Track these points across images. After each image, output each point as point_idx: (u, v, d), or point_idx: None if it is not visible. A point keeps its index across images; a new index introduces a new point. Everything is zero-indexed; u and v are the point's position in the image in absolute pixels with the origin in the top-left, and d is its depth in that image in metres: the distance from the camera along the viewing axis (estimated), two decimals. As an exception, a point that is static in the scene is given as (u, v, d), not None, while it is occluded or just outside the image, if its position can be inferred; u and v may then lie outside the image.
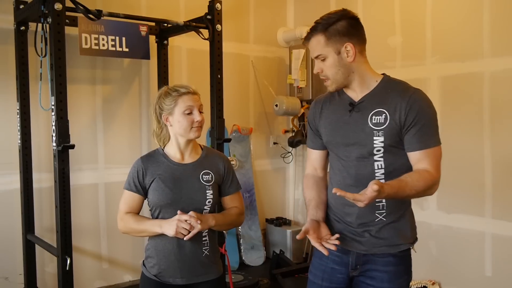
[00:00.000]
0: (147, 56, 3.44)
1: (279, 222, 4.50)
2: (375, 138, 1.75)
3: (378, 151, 1.75)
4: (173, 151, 1.99)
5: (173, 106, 1.92)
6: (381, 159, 1.76)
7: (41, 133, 3.38)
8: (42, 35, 2.81)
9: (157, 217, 1.95)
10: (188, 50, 4.06)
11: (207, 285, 1.98)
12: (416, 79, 3.38)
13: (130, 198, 1.96)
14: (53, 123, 2.67)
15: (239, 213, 2.07)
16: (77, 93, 3.48)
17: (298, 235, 1.73)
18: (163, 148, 2.03)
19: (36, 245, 3.24)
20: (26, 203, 3.21)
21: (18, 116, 3.19)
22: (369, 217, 1.80)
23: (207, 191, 1.95)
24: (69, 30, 2.96)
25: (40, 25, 2.81)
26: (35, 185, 3.27)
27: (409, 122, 1.72)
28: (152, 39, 3.63)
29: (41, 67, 2.97)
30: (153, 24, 3.54)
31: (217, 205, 2.07)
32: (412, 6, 3.68)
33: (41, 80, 2.99)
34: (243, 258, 4.30)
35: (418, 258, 1.91)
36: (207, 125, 3.25)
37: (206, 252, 1.97)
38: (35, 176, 3.27)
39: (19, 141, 3.21)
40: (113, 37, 3.20)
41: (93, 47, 3.12)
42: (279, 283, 3.85)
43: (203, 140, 3.84)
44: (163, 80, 3.72)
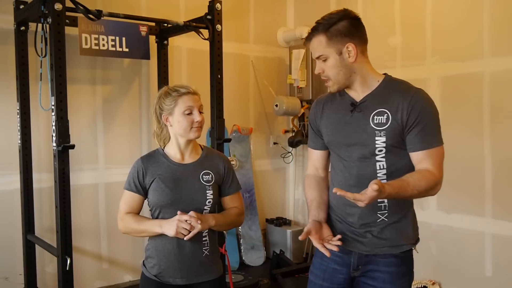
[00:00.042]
0: (147, 56, 3.44)
1: (279, 222, 4.50)
2: (377, 138, 1.74)
3: (380, 151, 1.74)
4: (173, 151, 1.99)
5: (173, 106, 1.92)
6: (383, 160, 1.75)
7: (41, 133, 3.38)
8: (42, 35, 2.81)
9: (157, 217, 1.95)
10: (188, 50, 4.06)
11: (207, 285, 1.98)
12: (416, 79, 3.37)
13: (130, 198, 1.96)
14: (53, 123, 2.67)
15: (239, 213, 2.07)
16: (77, 93, 3.48)
17: (301, 236, 1.72)
18: (163, 148, 2.03)
19: (36, 245, 3.24)
20: (26, 203, 3.21)
21: (18, 116, 3.19)
22: (371, 218, 1.79)
23: (207, 191, 1.95)
24: (69, 30, 2.96)
25: (40, 25, 2.81)
26: (35, 185, 3.27)
27: (411, 122, 1.71)
28: (152, 39, 3.63)
29: (41, 67, 2.97)
30: (153, 24, 3.53)
31: (217, 205, 2.07)
32: (412, 6, 3.67)
33: (41, 80, 2.99)
34: (243, 258, 4.30)
35: (418, 258, 1.90)
36: (207, 125, 3.25)
37: (206, 252, 1.97)
38: (35, 176, 3.27)
39: (19, 141, 3.21)
40: (113, 37, 3.20)
41: (93, 47, 3.12)
42: (279, 283, 3.85)
43: (203, 140, 3.84)
44: (163, 80, 3.72)
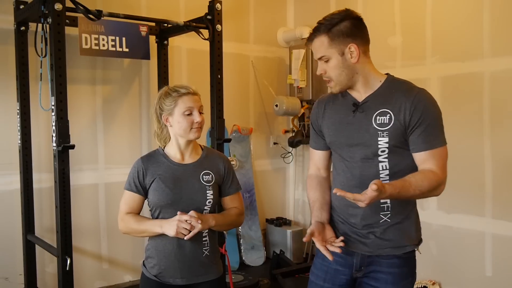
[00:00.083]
0: (147, 56, 3.44)
1: (279, 222, 4.50)
2: (379, 138, 1.72)
3: (383, 152, 1.73)
4: (173, 151, 1.99)
5: (173, 107, 1.92)
6: (385, 160, 1.74)
7: (41, 133, 3.38)
8: (42, 35, 2.81)
9: (157, 217, 1.95)
10: (188, 50, 4.06)
11: (207, 285, 1.98)
12: (416, 79, 3.33)
13: (131, 199, 1.96)
14: (53, 123, 2.67)
15: (239, 213, 2.07)
16: (77, 93, 3.48)
17: (305, 238, 1.71)
18: (163, 148, 2.03)
19: (36, 245, 3.24)
20: (26, 203, 3.21)
21: (18, 116, 3.19)
22: (373, 218, 1.77)
23: (207, 192, 1.94)
24: (69, 30, 2.96)
25: (40, 25, 2.81)
26: (35, 185, 3.27)
27: (414, 123, 1.70)
28: (152, 39, 3.63)
29: (41, 67, 2.97)
30: (153, 24, 3.53)
31: (217, 206, 2.06)
32: (412, 6, 3.67)
33: (41, 80, 2.99)
34: (243, 258, 4.30)
35: (419, 258, 1.90)
36: (207, 125, 3.25)
37: (206, 252, 1.97)
38: (35, 176, 3.27)
39: (19, 141, 3.21)
40: (113, 37, 3.20)
41: (93, 47, 3.12)
42: (279, 283, 3.85)
43: (203, 140, 3.84)
44: (163, 80, 3.72)
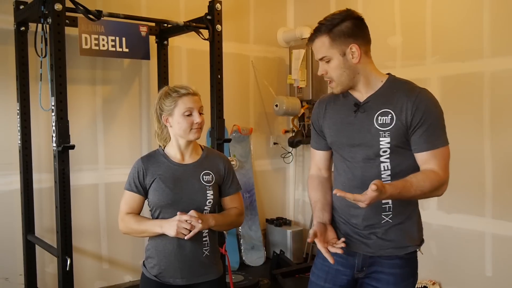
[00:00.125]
0: (147, 57, 3.44)
1: (279, 222, 4.50)
2: (381, 139, 1.71)
3: (385, 152, 1.72)
4: (173, 151, 1.99)
5: (172, 107, 1.92)
6: (387, 160, 1.73)
7: (41, 133, 3.38)
8: (42, 36, 2.81)
9: (157, 218, 1.95)
10: (188, 51, 4.06)
11: (207, 285, 1.98)
12: (416, 79, 3.32)
13: (131, 199, 1.96)
14: (53, 124, 2.67)
15: (239, 213, 2.07)
16: (77, 93, 3.48)
17: (309, 239, 1.70)
18: (164, 148, 2.03)
19: (36, 246, 3.24)
20: (26, 203, 3.21)
21: (18, 116, 3.19)
22: (375, 219, 1.77)
23: (207, 192, 1.94)
24: (69, 31, 2.96)
25: (40, 25, 2.81)
26: (35, 185, 3.27)
27: (415, 123, 1.69)
28: (152, 39, 3.63)
29: (41, 67, 2.97)
30: (153, 24, 3.53)
31: (217, 206, 2.06)
32: (412, 6, 3.67)
33: (41, 80, 2.99)
34: (243, 258, 4.30)
35: (419, 258, 1.90)
36: (207, 125, 3.25)
37: (206, 253, 1.97)
38: (35, 176, 3.27)
39: (19, 141, 3.21)
40: (113, 38, 3.20)
41: (93, 47, 3.11)
42: (279, 283, 3.85)
43: (203, 140, 3.84)
44: (163, 80, 3.72)
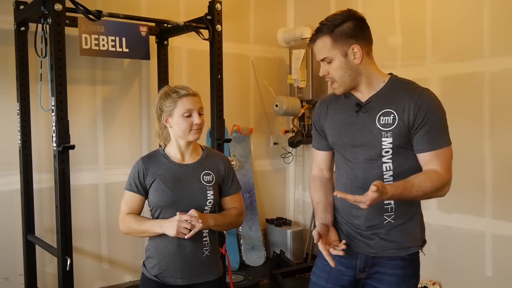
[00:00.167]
0: (147, 57, 3.44)
1: (279, 222, 4.50)
2: (383, 139, 1.70)
3: (387, 152, 1.71)
4: (173, 151, 1.99)
5: (172, 108, 1.91)
6: (389, 161, 1.72)
7: (41, 133, 3.38)
8: (42, 36, 2.81)
9: (158, 218, 1.95)
10: (188, 51, 4.06)
11: (208, 285, 1.98)
12: (416, 79, 3.31)
13: (131, 199, 1.96)
14: (53, 124, 2.67)
15: (239, 214, 2.07)
16: (77, 93, 3.48)
17: (315, 240, 1.69)
18: (164, 148, 2.03)
19: (36, 246, 3.24)
20: (26, 203, 3.21)
21: (18, 116, 3.19)
22: (377, 220, 1.76)
23: (207, 192, 1.94)
24: (69, 31, 2.96)
25: (40, 25, 2.81)
26: (35, 185, 3.27)
27: (418, 123, 1.68)
28: (152, 39, 3.63)
29: (41, 67, 2.97)
30: (153, 24, 3.53)
31: (218, 206, 2.06)
32: (412, 6, 3.67)
33: (41, 80, 2.98)
34: (243, 258, 4.30)
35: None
36: (207, 125, 3.25)
37: (206, 253, 1.97)
38: (35, 176, 3.27)
39: (19, 141, 3.21)
40: (113, 38, 3.20)
41: (93, 47, 3.11)
42: (280, 283, 3.85)
43: (203, 140, 3.84)
44: (163, 80, 3.72)
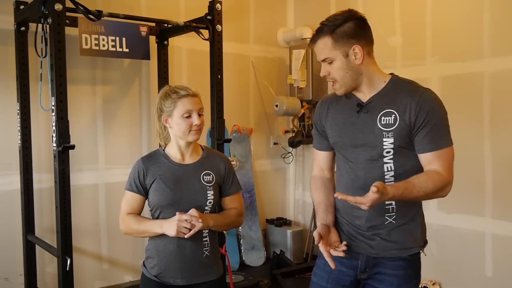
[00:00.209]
0: (147, 57, 3.44)
1: (279, 222, 4.50)
2: (384, 139, 1.70)
3: (388, 152, 1.71)
4: (173, 151, 1.99)
5: (172, 109, 1.91)
6: (390, 161, 1.71)
7: (41, 133, 3.38)
8: (42, 36, 2.81)
9: (158, 218, 1.95)
10: (188, 51, 4.06)
11: (208, 285, 1.98)
12: (416, 79, 3.31)
13: (131, 199, 1.96)
14: (53, 124, 2.67)
15: (238, 214, 2.07)
16: (77, 93, 3.48)
17: (316, 241, 1.68)
18: (164, 148, 2.03)
19: (36, 246, 3.24)
20: (26, 203, 3.21)
21: (18, 116, 3.19)
22: (378, 220, 1.75)
23: (208, 192, 1.94)
24: (69, 31, 2.96)
25: (40, 25, 2.81)
26: (35, 185, 3.27)
27: (419, 123, 1.67)
28: (152, 39, 3.63)
29: (41, 67, 2.97)
30: (153, 24, 3.53)
31: (218, 206, 2.06)
32: (412, 6, 3.67)
33: (41, 80, 2.99)
34: (243, 258, 4.30)
35: (419, 259, 1.90)
36: (207, 125, 3.25)
37: (206, 253, 1.97)
38: (35, 176, 3.27)
39: (19, 141, 3.21)
40: (113, 38, 3.20)
41: (93, 47, 3.11)
42: (280, 283, 3.85)
43: (203, 140, 3.84)
44: (163, 80, 3.72)
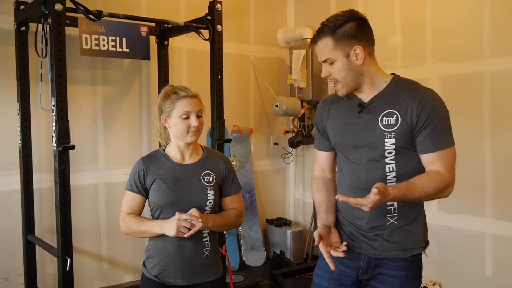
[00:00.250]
0: (147, 57, 3.44)
1: (279, 222, 4.50)
2: (386, 140, 1.69)
3: (390, 153, 1.70)
4: (173, 151, 1.99)
5: (171, 109, 1.91)
6: (392, 162, 1.71)
7: (41, 133, 3.38)
8: (42, 36, 2.81)
9: (158, 218, 1.94)
10: (188, 51, 4.06)
11: (208, 285, 1.98)
12: (416, 79, 3.32)
13: (132, 199, 1.95)
14: (54, 124, 2.67)
15: (238, 214, 2.06)
16: (77, 93, 3.48)
17: (316, 242, 1.68)
18: (164, 148, 2.03)
19: (36, 246, 3.24)
20: (26, 203, 3.21)
21: (19, 116, 3.19)
22: (380, 221, 1.75)
23: (208, 192, 1.94)
24: (69, 31, 2.96)
25: (40, 25, 2.81)
26: (35, 185, 3.27)
27: (421, 123, 1.66)
28: (153, 39, 3.63)
29: (41, 67, 2.97)
30: (153, 24, 3.54)
31: (218, 206, 2.06)
32: (412, 6, 3.67)
33: (41, 80, 2.99)
34: (243, 258, 4.30)
35: (419, 259, 1.90)
36: (208, 125, 3.25)
37: (206, 253, 1.96)
38: (35, 176, 3.27)
39: (19, 141, 3.21)
40: (113, 38, 3.20)
41: (94, 47, 3.11)
42: (280, 283, 3.85)
43: (204, 140, 3.84)
44: (163, 80, 3.72)
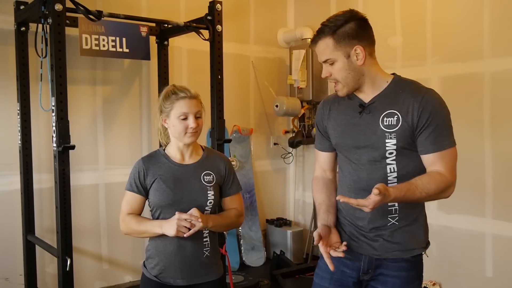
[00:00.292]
0: (147, 57, 3.44)
1: (279, 222, 4.50)
2: (387, 140, 1.69)
3: (391, 154, 1.70)
4: (173, 151, 1.99)
5: (169, 110, 1.91)
6: (393, 162, 1.70)
7: (41, 133, 3.38)
8: (42, 36, 2.81)
9: (158, 218, 1.94)
10: (188, 51, 4.06)
11: (208, 285, 1.98)
12: (416, 79, 3.32)
13: (132, 199, 1.95)
14: (54, 124, 2.67)
15: (238, 214, 2.06)
16: (77, 93, 3.48)
17: (315, 241, 1.67)
18: (164, 148, 2.03)
19: (36, 246, 3.24)
20: (26, 203, 3.21)
21: (19, 116, 3.19)
22: (381, 221, 1.74)
23: (208, 192, 1.94)
24: (69, 31, 2.96)
25: (40, 25, 2.81)
26: (35, 185, 3.27)
27: (422, 124, 1.66)
28: (153, 39, 3.63)
29: (41, 67, 2.97)
30: (153, 24, 3.54)
31: (218, 206, 2.06)
32: (413, 6, 3.67)
33: (41, 80, 2.99)
34: (243, 258, 4.30)
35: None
36: (208, 125, 3.25)
37: (206, 253, 1.96)
38: (35, 176, 3.27)
39: (19, 141, 3.21)
40: (113, 38, 3.20)
41: (94, 47, 3.11)
42: (280, 283, 3.85)
43: (204, 140, 3.84)
44: (163, 80, 3.72)
